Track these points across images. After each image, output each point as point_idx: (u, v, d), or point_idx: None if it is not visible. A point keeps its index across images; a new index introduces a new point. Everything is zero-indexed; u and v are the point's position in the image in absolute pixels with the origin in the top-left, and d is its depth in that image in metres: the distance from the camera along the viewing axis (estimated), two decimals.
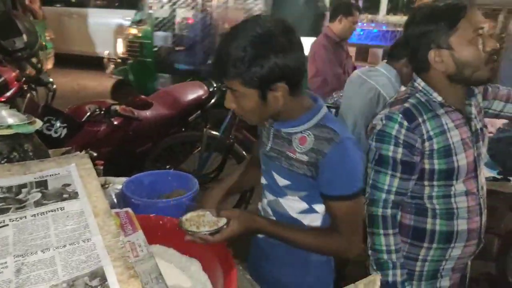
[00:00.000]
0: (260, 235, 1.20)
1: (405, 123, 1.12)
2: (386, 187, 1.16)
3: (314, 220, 1.12)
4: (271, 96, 0.98)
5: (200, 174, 2.68)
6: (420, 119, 1.13)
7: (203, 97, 3.12)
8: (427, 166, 1.15)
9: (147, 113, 2.75)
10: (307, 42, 4.40)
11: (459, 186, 1.17)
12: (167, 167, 3.02)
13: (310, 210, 1.11)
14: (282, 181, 1.11)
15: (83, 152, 1.10)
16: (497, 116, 1.35)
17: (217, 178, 2.89)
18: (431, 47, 1.11)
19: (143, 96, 2.70)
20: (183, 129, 3.03)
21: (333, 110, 2.53)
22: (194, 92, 3.10)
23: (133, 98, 2.58)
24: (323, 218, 1.12)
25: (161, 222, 1.15)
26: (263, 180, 1.21)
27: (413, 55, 1.18)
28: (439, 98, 1.15)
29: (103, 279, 0.66)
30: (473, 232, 1.20)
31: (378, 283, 0.64)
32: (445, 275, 1.25)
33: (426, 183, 1.17)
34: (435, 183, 1.17)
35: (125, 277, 0.67)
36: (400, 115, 1.13)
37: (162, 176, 1.50)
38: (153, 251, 1.06)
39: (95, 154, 2.44)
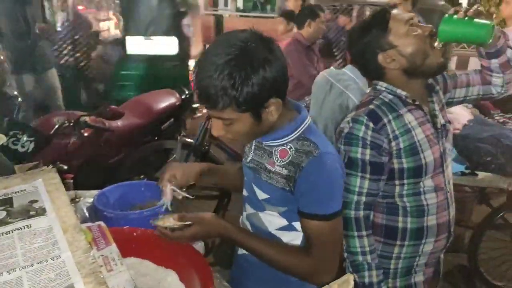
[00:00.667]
0: (240, 252, 1.17)
1: (371, 124, 1.15)
2: (357, 189, 1.17)
3: (294, 238, 1.06)
4: (264, 114, 0.94)
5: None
6: (385, 120, 1.16)
7: (176, 105, 3.09)
8: (396, 166, 1.18)
9: (118, 123, 2.70)
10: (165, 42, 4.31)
11: (427, 182, 1.20)
12: (142, 177, 2.97)
13: (290, 228, 1.06)
14: (261, 195, 1.06)
15: (50, 166, 1.07)
16: (463, 101, 1.40)
17: (193, 187, 2.87)
18: (377, 52, 1.18)
19: (113, 106, 2.65)
20: (157, 138, 2.99)
21: None
22: (166, 100, 3.07)
23: (103, 108, 2.52)
24: (303, 239, 1.05)
25: (135, 234, 1.13)
26: (244, 192, 1.17)
27: (366, 69, 1.26)
28: (404, 93, 1.19)
29: None
30: (443, 226, 1.24)
31: (352, 283, 0.65)
32: (419, 271, 1.28)
33: (396, 182, 1.20)
34: (405, 181, 1.19)
35: None
36: (366, 117, 1.16)
37: (134, 187, 1.47)
38: (128, 263, 1.04)
39: (65, 167, 2.38)
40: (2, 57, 2.33)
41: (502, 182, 2.27)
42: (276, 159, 1.01)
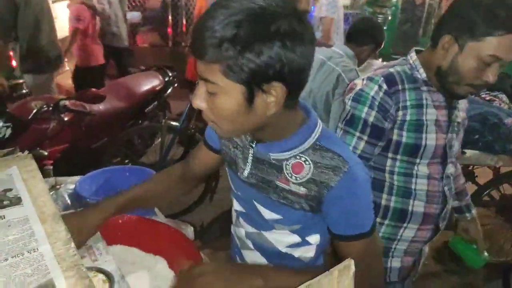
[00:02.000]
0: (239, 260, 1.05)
1: (384, 86, 1.10)
2: (350, 149, 1.12)
3: (306, 252, 0.93)
4: (260, 100, 0.71)
5: (162, 166, 2.59)
6: (400, 87, 1.12)
7: (159, 87, 3.00)
8: (394, 137, 1.14)
9: (100, 106, 2.60)
10: None
11: (422, 168, 1.16)
12: (126, 161, 2.90)
13: (304, 243, 0.91)
14: (269, 215, 0.89)
15: (26, 152, 1.00)
16: None
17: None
18: (451, 32, 1.05)
19: (94, 89, 2.55)
20: (141, 122, 2.91)
21: None
22: (148, 83, 2.98)
23: (83, 91, 2.43)
24: (317, 250, 0.93)
25: (120, 221, 1.08)
26: (238, 207, 1.00)
27: (450, 22, 1.08)
28: (424, 75, 1.14)
29: None
30: (430, 218, 1.20)
31: (353, 268, 0.61)
32: (396, 256, 1.24)
33: (389, 154, 1.16)
34: (398, 156, 1.16)
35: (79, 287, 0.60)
36: (382, 78, 1.11)
37: (118, 172, 1.41)
38: (114, 251, 1.00)
39: (45, 153, 2.30)
40: None
41: (490, 159, 2.29)
42: (290, 175, 0.82)
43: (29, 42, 2.82)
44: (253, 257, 1.01)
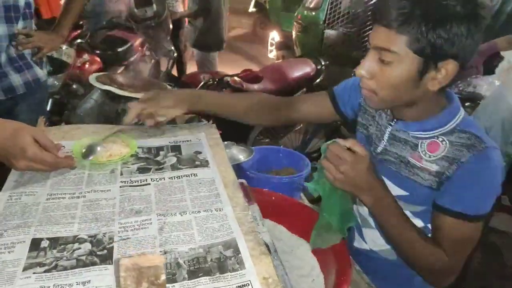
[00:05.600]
0: (357, 245, 1.10)
1: None
2: None
3: None
4: (430, 75, 0.79)
5: (303, 153, 2.67)
6: None
7: (310, 75, 3.06)
8: None
9: (255, 86, 2.78)
10: None
11: None
12: (267, 140, 3.06)
13: (425, 230, 0.93)
14: (397, 190, 0.93)
15: (211, 122, 1.14)
16: None
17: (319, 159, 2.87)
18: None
19: (254, 70, 2.73)
20: None
21: None
22: (301, 69, 3.05)
23: (244, 71, 2.62)
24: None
25: (273, 198, 1.15)
26: None
27: None
28: None
29: (236, 251, 0.68)
30: None
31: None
32: None
33: None
34: None
35: (256, 252, 0.68)
36: None
37: (273, 151, 1.51)
38: (265, 224, 1.08)
39: (203, 121, 2.58)
40: None
41: None
42: (424, 153, 0.88)
43: (207, 24, 3.18)
44: (372, 235, 1.04)
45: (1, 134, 0.78)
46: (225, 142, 1.14)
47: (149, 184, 0.84)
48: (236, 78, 2.61)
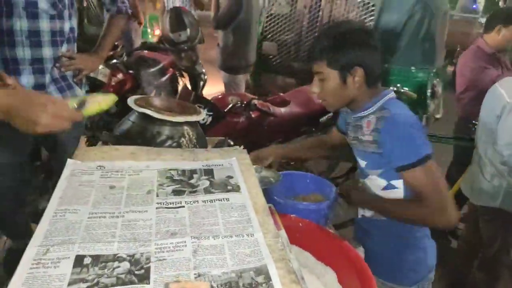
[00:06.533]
0: (360, 215, 1.43)
1: None
2: None
3: (396, 194, 1.26)
4: (350, 80, 1.20)
5: (328, 177, 2.67)
6: None
7: None
8: None
9: (282, 110, 2.82)
10: None
11: None
12: (292, 163, 3.07)
13: (390, 186, 1.26)
14: (362, 163, 1.31)
15: (242, 147, 1.18)
16: None
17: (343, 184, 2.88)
18: None
19: (282, 94, 2.78)
20: (314, 129, 3.04)
21: None
22: None
23: (272, 95, 2.67)
24: (405, 194, 1.24)
25: (300, 224, 1.17)
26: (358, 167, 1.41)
27: None
28: None
29: (267, 277, 0.69)
30: None
31: None
32: None
33: None
34: None
35: (287, 280, 0.69)
36: None
37: (300, 177, 1.52)
38: (292, 250, 1.09)
39: (231, 143, 2.63)
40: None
41: None
42: (365, 129, 1.25)
43: (237, 44, 3.27)
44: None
45: (16, 98, 0.84)
46: (254, 166, 1.18)
47: (184, 206, 0.87)
48: (262, 101, 2.66)
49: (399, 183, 1.24)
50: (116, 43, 3.15)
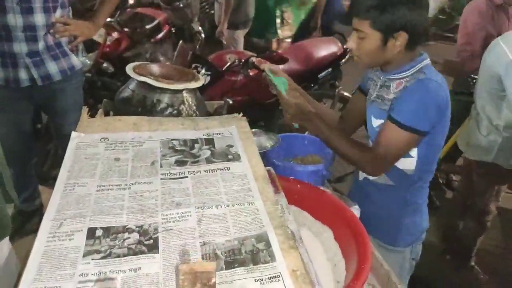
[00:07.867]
0: (361, 177, 1.42)
1: None
2: None
3: (409, 165, 1.26)
4: (391, 43, 1.15)
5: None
6: None
7: (336, 54, 3.05)
8: None
9: (280, 67, 2.80)
10: None
11: None
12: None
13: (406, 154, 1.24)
14: (375, 122, 1.29)
15: (241, 115, 1.20)
16: None
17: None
18: None
19: (280, 51, 2.74)
20: (312, 85, 3.03)
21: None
22: (327, 49, 3.04)
23: (270, 53, 2.63)
24: (417, 164, 1.25)
25: (298, 186, 1.21)
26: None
27: None
28: None
29: (268, 244, 0.75)
30: None
31: None
32: None
33: None
34: None
35: (286, 246, 0.75)
36: None
37: (299, 139, 1.56)
38: (290, 211, 1.14)
39: (230, 102, 2.63)
40: None
41: None
42: (392, 89, 1.23)
43: (236, 2, 3.17)
44: None
45: None
46: (253, 130, 1.21)
47: (187, 177, 0.91)
48: (260, 59, 2.63)
49: (414, 152, 1.24)
50: None
